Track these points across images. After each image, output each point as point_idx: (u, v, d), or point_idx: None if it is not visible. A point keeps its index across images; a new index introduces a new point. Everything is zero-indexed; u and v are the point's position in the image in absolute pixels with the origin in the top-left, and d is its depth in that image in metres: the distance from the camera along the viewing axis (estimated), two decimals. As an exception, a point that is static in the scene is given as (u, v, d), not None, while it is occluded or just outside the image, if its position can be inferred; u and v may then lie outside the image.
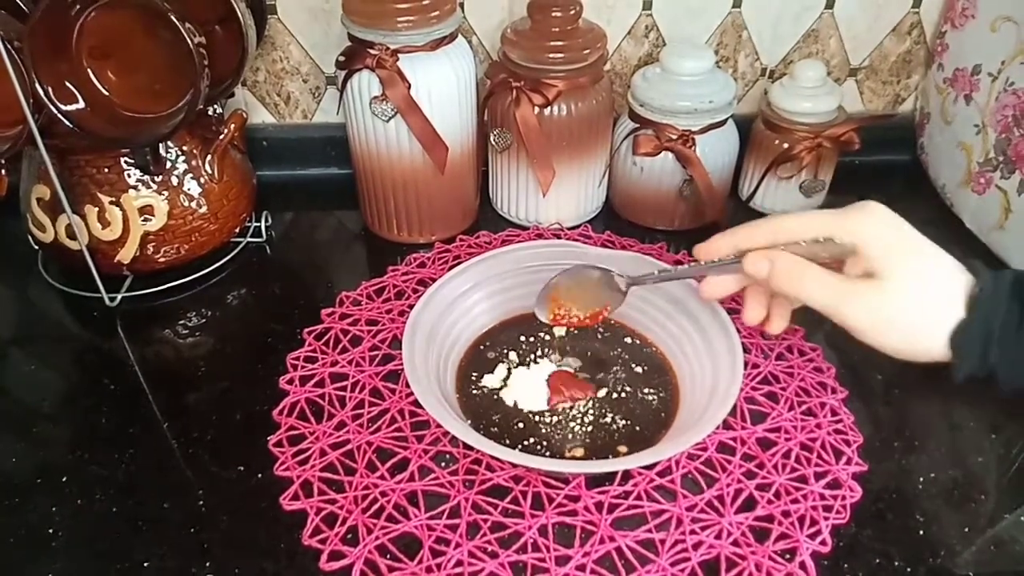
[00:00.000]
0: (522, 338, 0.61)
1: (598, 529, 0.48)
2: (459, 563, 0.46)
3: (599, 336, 0.61)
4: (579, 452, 0.52)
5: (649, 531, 0.48)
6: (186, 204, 0.66)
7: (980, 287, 0.42)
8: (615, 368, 0.58)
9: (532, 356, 0.59)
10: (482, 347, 0.60)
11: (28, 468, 0.53)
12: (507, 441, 0.52)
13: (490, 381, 0.57)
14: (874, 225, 0.43)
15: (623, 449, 0.52)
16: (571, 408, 0.55)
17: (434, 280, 0.58)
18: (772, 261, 0.44)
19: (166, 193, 0.65)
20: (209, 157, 0.67)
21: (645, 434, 0.53)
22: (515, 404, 0.55)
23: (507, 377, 0.57)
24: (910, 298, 0.42)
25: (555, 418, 0.54)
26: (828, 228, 0.44)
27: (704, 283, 0.50)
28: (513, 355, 0.59)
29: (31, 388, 0.59)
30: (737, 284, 0.49)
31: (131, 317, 0.66)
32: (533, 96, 0.67)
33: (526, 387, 0.56)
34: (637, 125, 0.72)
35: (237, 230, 0.71)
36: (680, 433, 0.50)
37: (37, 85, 0.56)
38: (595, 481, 0.51)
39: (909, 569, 0.47)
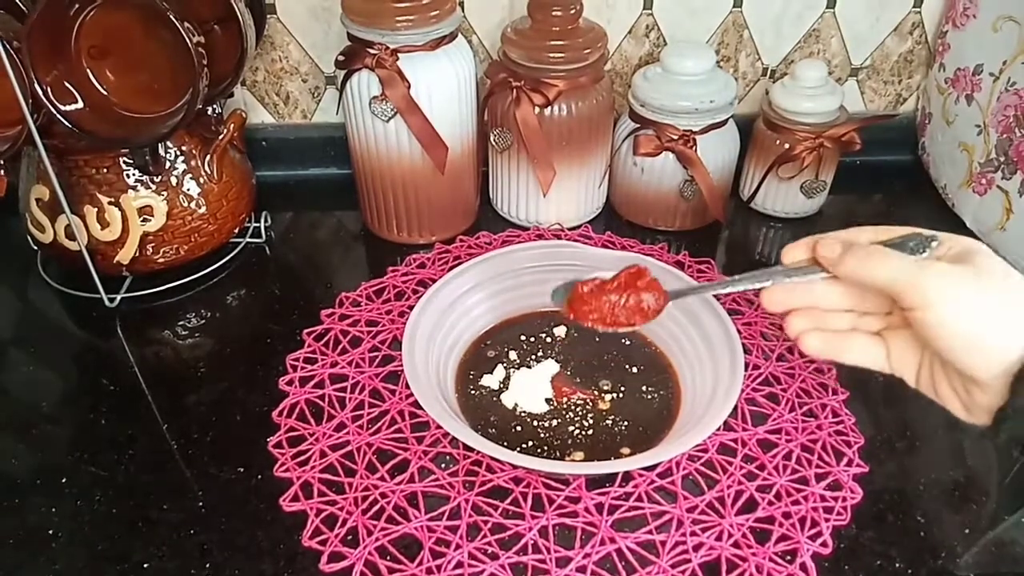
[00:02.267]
0: (523, 337, 0.60)
1: (599, 530, 0.48)
2: (459, 564, 0.46)
3: (599, 337, 0.61)
4: (579, 456, 0.52)
5: (650, 532, 0.48)
6: (185, 204, 0.66)
7: None
8: (615, 369, 0.58)
9: (533, 356, 0.59)
10: (483, 345, 0.60)
11: (27, 469, 0.53)
12: (507, 443, 0.52)
13: (489, 382, 0.57)
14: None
15: (625, 451, 0.52)
16: (571, 411, 0.55)
17: (434, 281, 0.58)
18: (844, 244, 0.40)
19: (165, 193, 0.65)
20: (208, 157, 0.67)
21: (646, 435, 0.53)
22: (515, 406, 0.55)
23: (506, 378, 0.57)
24: (1000, 285, 0.37)
25: (555, 421, 0.54)
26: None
27: (768, 292, 0.43)
28: (513, 355, 0.59)
29: (30, 389, 0.59)
30: (801, 298, 0.43)
31: (130, 318, 0.65)
32: (533, 96, 0.67)
33: (527, 389, 0.56)
34: (638, 125, 0.72)
35: (236, 230, 0.71)
36: (681, 434, 0.50)
37: (36, 85, 0.56)
38: (595, 482, 0.51)
39: (910, 571, 0.47)
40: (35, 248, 0.69)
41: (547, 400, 0.55)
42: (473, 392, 0.56)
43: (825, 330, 0.43)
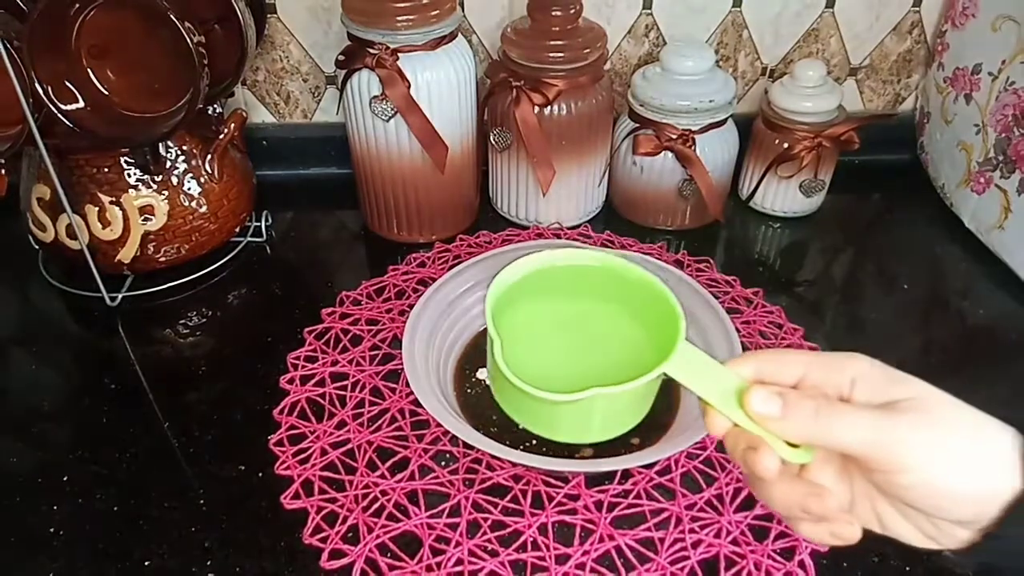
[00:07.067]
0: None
1: (598, 528, 0.48)
2: (459, 562, 0.46)
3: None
4: (589, 452, 0.52)
5: (648, 530, 0.48)
6: (186, 204, 0.66)
7: None
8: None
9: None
10: (482, 343, 0.60)
11: (29, 467, 0.53)
12: (509, 441, 0.52)
13: (483, 375, 0.57)
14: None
15: (636, 441, 0.52)
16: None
17: (434, 280, 0.58)
18: (784, 397, 0.32)
19: (166, 193, 0.65)
20: (209, 157, 0.67)
21: (645, 433, 0.53)
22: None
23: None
24: (972, 431, 0.32)
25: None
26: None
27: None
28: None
29: (32, 388, 0.59)
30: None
31: (132, 317, 0.66)
32: (533, 95, 0.67)
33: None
34: (637, 124, 0.72)
35: (237, 229, 0.71)
36: (680, 432, 0.50)
37: (37, 84, 0.57)
38: (595, 480, 0.51)
39: (907, 568, 0.47)
40: (36, 247, 0.69)
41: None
42: (474, 391, 0.56)
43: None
